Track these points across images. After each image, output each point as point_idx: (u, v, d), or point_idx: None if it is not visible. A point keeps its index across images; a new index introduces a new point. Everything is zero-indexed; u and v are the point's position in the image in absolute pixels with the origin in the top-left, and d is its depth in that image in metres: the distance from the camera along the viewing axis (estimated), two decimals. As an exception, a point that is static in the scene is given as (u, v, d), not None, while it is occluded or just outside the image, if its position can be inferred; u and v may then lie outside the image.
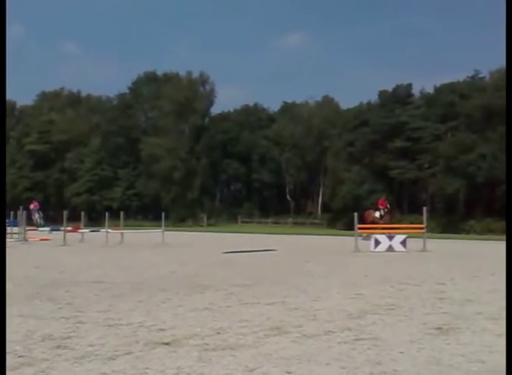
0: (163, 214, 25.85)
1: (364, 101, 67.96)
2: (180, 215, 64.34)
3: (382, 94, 63.76)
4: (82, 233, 25.07)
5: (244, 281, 10.02)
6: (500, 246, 24.90)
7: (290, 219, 68.05)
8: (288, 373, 4.10)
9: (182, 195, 67.33)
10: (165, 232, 24.27)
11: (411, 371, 4.14)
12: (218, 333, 5.50)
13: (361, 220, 29.52)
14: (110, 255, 17.16)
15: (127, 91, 76.97)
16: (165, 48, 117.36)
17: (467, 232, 47.79)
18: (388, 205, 28.61)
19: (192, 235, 35.41)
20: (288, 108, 77.51)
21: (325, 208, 66.83)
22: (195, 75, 71.47)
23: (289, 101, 79.61)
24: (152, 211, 65.11)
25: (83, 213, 28.24)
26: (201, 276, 10.94)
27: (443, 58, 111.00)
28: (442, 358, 4.53)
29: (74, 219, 34.61)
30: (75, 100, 79.82)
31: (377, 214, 27.97)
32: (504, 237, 38.99)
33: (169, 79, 72.75)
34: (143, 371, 4.18)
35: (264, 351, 4.72)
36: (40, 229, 28.05)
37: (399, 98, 61.75)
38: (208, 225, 62.95)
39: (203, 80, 71.41)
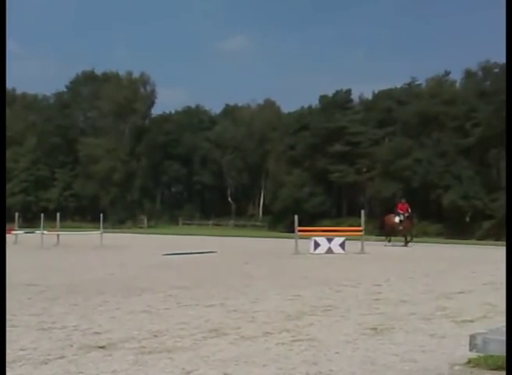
0: (101, 215, 25.37)
1: (305, 106, 68.79)
2: (120, 216, 63.35)
3: (323, 98, 64.64)
4: (16, 234, 24.31)
5: (183, 283, 9.95)
6: (433, 248, 25.67)
7: (231, 222, 68.10)
8: (225, 374, 4.09)
9: (121, 197, 66.34)
10: (104, 234, 23.82)
11: (346, 371, 4.20)
12: (156, 336, 5.43)
13: (382, 225, 28.39)
14: (45, 257, 16.70)
15: (65, 90, 75.31)
16: (104, 48, 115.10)
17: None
18: (409, 209, 26.27)
19: (131, 237, 34.89)
20: (230, 111, 77.59)
21: (266, 210, 67.18)
22: (135, 75, 70.63)
23: (231, 103, 79.78)
24: (90, 212, 63.78)
25: (17, 214, 27.40)
26: (140, 279, 10.80)
27: (382, 65, 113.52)
28: (376, 357, 4.61)
29: (8, 220, 33.47)
30: (10, 98, 77.28)
31: (396, 219, 25.91)
32: (438, 239, 40.18)
33: (109, 78, 71.56)
34: (76, 375, 4.08)
35: (202, 354, 4.69)
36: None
37: (339, 103, 62.75)
38: (149, 227, 62.25)
39: (143, 80, 70.63)
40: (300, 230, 20.43)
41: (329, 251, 19.25)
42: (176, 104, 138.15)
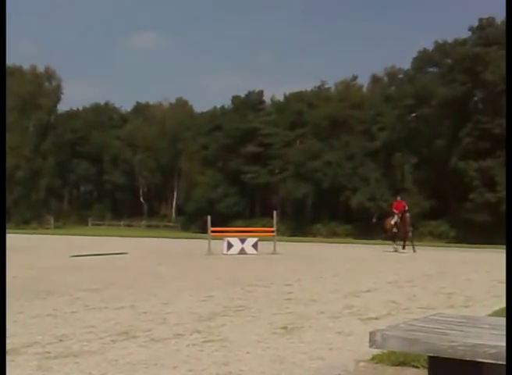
0: (5, 216, 24.27)
1: (218, 106, 68.93)
2: (24, 217, 60.98)
3: (235, 99, 65.01)
4: None
5: (92, 285, 9.69)
6: (343, 248, 26.44)
7: (144, 222, 67.14)
8: (134, 378, 4.02)
9: (26, 196, 63.85)
10: (7, 235, 22.79)
11: (256, 370, 4.23)
12: (61, 340, 5.25)
13: (384, 230, 24.35)
14: None
15: (-36, 83, 71.72)
16: (7, 40, 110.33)
17: (315, 235, 50.13)
18: (406, 207, 22.69)
19: (37, 238, 33.64)
20: (141, 109, 76.47)
21: (179, 211, 66.76)
22: (40, 69, 68.31)
23: (143, 101, 78.64)
24: (-7, 212, 61.02)
25: None
26: (45, 281, 10.43)
27: (293, 68, 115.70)
28: (285, 356, 4.68)
29: None
30: None
31: (392, 221, 22.86)
32: (348, 239, 41.34)
33: (12, 72, 68.67)
34: (-25, 384, 3.87)
35: (110, 357, 4.58)
36: None
37: (251, 104, 63.32)
38: (55, 227, 60.29)
39: (49, 74, 68.41)
40: (213, 231, 20.45)
41: (242, 251, 19.38)
42: (84, 100, 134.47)
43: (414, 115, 50.44)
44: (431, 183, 48.58)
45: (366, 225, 49.35)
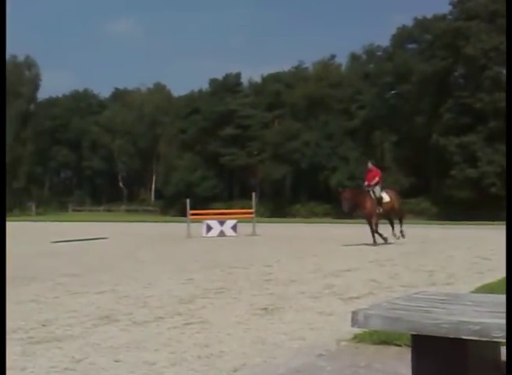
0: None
1: (196, 89, 68.49)
2: (6, 204, 60.42)
3: (213, 82, 64.58)
4: None
5: (73, 271, 9.69)
6: (322, 228, 26.58)
7: (123, 207, 66.86)
8: (116, 361, 4.05)
9: (7, 184, 63.24)
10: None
11: (237, 351, 4.28)
12: (44, 325, 5.27)
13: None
14: None
15: None
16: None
17: (294, 216, 50.24)
18: (376, 179, 16.31)
19: (19, 225, 33.25)
20: (119, 95, 75.96)
21: (158, 195, 66.54)
22: (20, 59, 67.62)
23: (121, 87, 78.16)
24: (-29, 201, 60.28)
25: None
26: (28, 268, 10.39)
27: (270, 48, 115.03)
28: (266, 337, 4.72)
29: None
30: None
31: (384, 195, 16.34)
32: (327, 219, 41.46)
33: (-8, 64, 67.87)
34: (-43, 372, 3.88)
35: (92, 341, 4.62)
36: None
37: (228, 86, 62.92)
38: (37, 214, 59.91)
39: (28, 63, 67.69)
40: (192, 214, 20.47)
41: (221, 234, 19.43)
42: (63, 88, 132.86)
43: (393, 92, 50.47)
44: (411, 160, 48.69)
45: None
